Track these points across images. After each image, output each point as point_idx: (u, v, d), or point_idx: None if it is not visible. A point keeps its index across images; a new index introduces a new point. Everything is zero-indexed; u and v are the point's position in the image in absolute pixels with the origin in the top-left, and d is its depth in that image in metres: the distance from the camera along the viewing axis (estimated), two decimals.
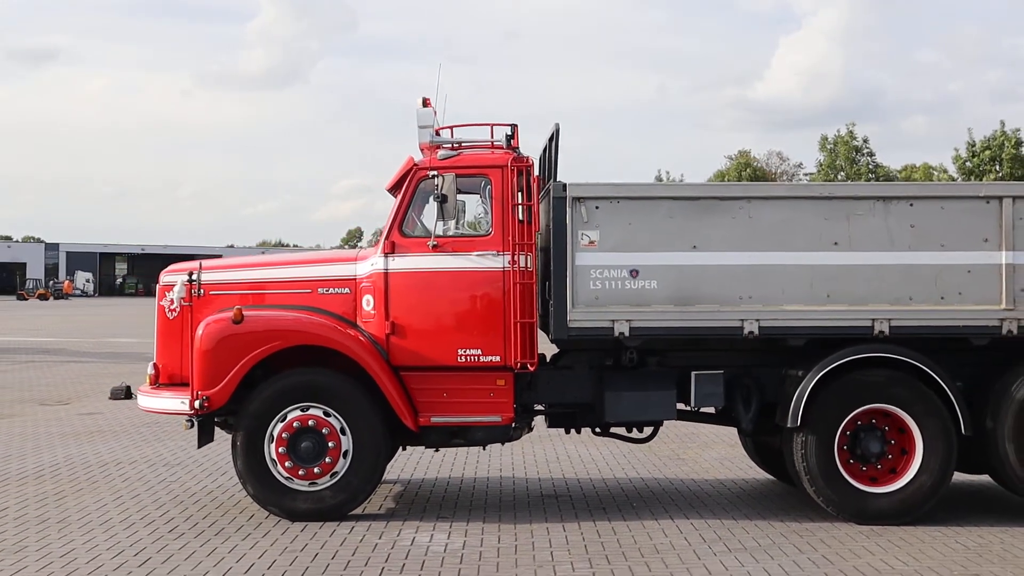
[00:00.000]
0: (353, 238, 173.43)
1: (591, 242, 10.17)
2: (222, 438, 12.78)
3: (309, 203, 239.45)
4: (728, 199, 10.42)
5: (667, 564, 8.75)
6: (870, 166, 51.93)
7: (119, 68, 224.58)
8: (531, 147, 11.07)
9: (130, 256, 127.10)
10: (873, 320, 10.26)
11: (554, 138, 10.92)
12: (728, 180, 63.91)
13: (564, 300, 10.16)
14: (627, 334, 10.19)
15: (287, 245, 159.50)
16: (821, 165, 52.52)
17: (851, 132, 52.50)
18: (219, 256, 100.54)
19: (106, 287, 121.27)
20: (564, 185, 10.21)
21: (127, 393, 20.77)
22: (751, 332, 10.22)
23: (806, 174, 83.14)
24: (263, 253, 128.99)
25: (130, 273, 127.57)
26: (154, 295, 11.12)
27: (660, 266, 10.22)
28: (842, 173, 50.85)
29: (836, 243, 10.29)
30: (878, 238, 10.32)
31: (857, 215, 10.33)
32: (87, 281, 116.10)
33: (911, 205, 10.40)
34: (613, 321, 10.19)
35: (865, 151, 52.36)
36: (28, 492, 11.51)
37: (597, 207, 10.20)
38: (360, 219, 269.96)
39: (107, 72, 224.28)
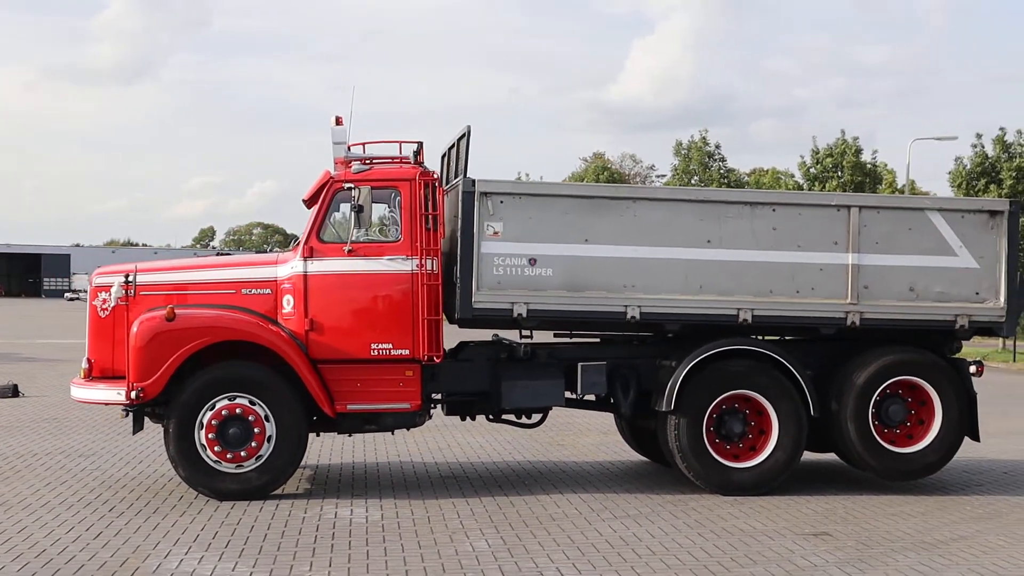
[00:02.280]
0: (205, 237, 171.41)
1: (495, 232, 11.44)
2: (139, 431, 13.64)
3: (159, 201, 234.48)
4: (617, 199, 11.84)
5: (563, 529, 10.06)
6: (722, 171, 54.36)
7: None
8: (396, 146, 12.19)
9: None
10: (738, 310, 11.75)
11: (465, 137, 12.08)
12: (587, 182, 65.81)
13: (470, 284, 11.40)
14: (524, 315, 11.50)
15: (136, 244, 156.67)
16: (676, 169, 54.70)
17: (704, 138, 54.86)
18: (67, 256, 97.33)
19: None
20: (473, 181, 11.45)
21: (15, 391, 21.27)
22: (633, 317, 11.61)
23: (659, 176, 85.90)
24: (113, 252, 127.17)
25: None
26: None
27: (555, 256, 11.54)
28: (695, 178, 53.16)
29: (709, 241, 11.75)
30: (745, 238, 11.81)
31: (728, 217, 11.82)
32: None
33: (774, 210, 11.94)
34: (512, 303, 11.48)
35: (717, 157, 54.84)
36: None
37: (502, 201, 11.48)
38: (212, 218, 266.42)
39: None
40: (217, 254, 70.17)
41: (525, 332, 12.34)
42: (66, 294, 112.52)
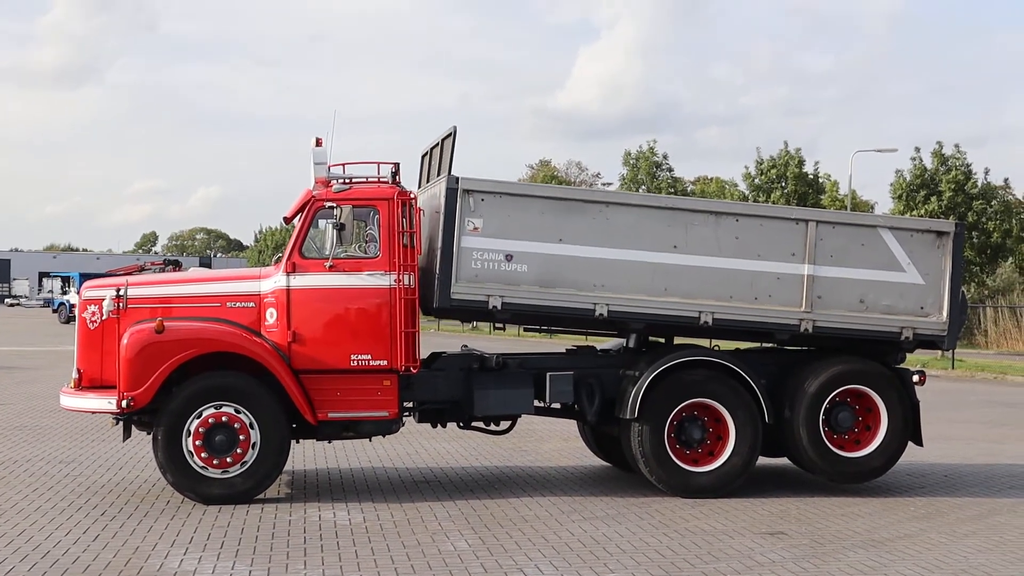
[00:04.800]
0: (147, 242, 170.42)
1: (475, 228, 12.09)
2: (110, 438, 14.17)
3: (101, 206, 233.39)
4: (591, 202, 12.56)
5: (537, 530, 10.70)
6: (669, 180, 55.47)
7: None
8: (340, 152, 12.89)
9: None
10: (700, 312, 12.47)
11: (451, 137, 12.63)
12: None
13: (449, 275, 12.03)
14: (499, 308, 12.16)
15: (77, 249, 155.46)
16: (624, 179, 55.69)
17: (652, 148, 55.93)
18: (7, 261, 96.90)
19: None
20: (457, 178, 12.08)
21: None
22: (601, 314, 12.31)
23: (604, 184, 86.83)
24: (54, 257, 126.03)
25: None
26: None
27: (531, 253, 12.22)
28: (643, 187, 54.14)
29: (675, 246, 12.46)
30: (709, 245, 12.53)
31: (694, 225, 12.54)
32: None
33: (737, 220, 12.69)
34: (488, 296, 12.13)
35: (665, 166, 55.96)
36: None
37: (483, 199, 12.12)
38: (155, 223, 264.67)
39: None
40: (164, 262, 69.97)
41: (497, 328, 13.11)
42: (6, 299, 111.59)
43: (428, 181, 13.40)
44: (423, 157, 14.02)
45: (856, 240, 12.79)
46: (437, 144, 13.21)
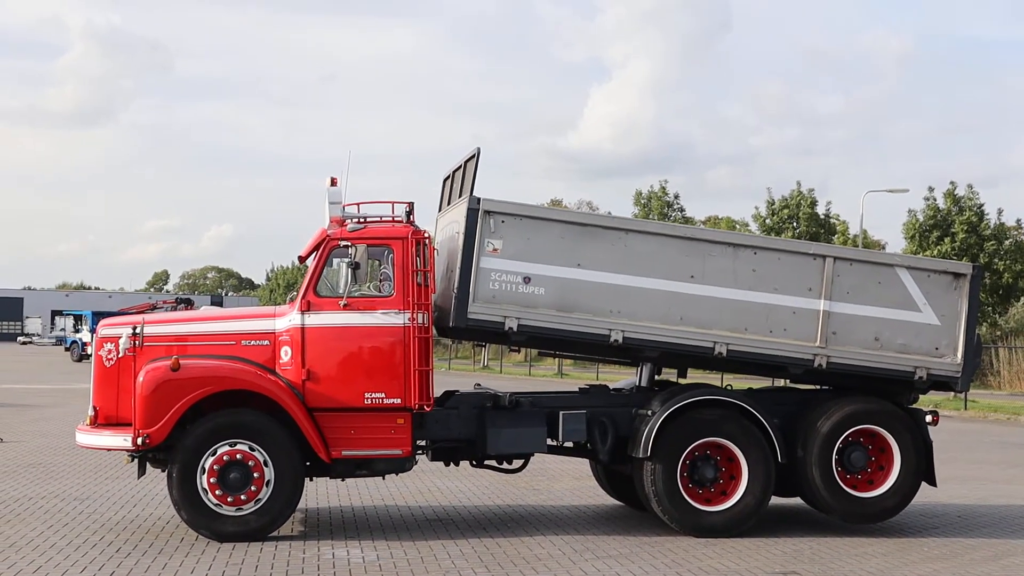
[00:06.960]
0: (159, 281, 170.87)
1: (495, 249, 12.16)
2: (124, 476, 14.21)
3: (114, 244, 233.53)
4: (610, 229, 12.60)
5: (550, 568, 10.71)
6: (680, 220, 55.63)
7: None
8: (354, 191, 12.91)
9: None
10: (715, 343, 12.51)
11: (475, 159, 12.65)
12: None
13: (467, 294, 12.09)
14: (515, 329, 12.20)
15: (89, 288, 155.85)
16: (635, 218, 55.80)
17: (663, 188, 56.21)
18: (20, 299, 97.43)
19: None
20: (479, 199, 12.17)
21: None
22: (616, 340, 12.34)
23: None
24: (66, 296, 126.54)
25: None
26: None
27: (548, 277, 12.28)
28: None
29: (692, 276, 12.53)
30: (726, 276, 12.60)
31: (711, 256, 12.61)
32: None
33: (755, 253, 12.75)
34: (505, 317, 12.19)
35: (676, 206, 56.18)
36: None
37: (503, 221, 12.21)
38: (167, 262, 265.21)
39: None
40: (176, 300, 70.22)
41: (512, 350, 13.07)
42: (19, 338, 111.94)
43: (449, 204, 13.51)
44: (445, 180, 14.14)
45: (873, 278, 12.84)
46: (460, 167, 13.30)
